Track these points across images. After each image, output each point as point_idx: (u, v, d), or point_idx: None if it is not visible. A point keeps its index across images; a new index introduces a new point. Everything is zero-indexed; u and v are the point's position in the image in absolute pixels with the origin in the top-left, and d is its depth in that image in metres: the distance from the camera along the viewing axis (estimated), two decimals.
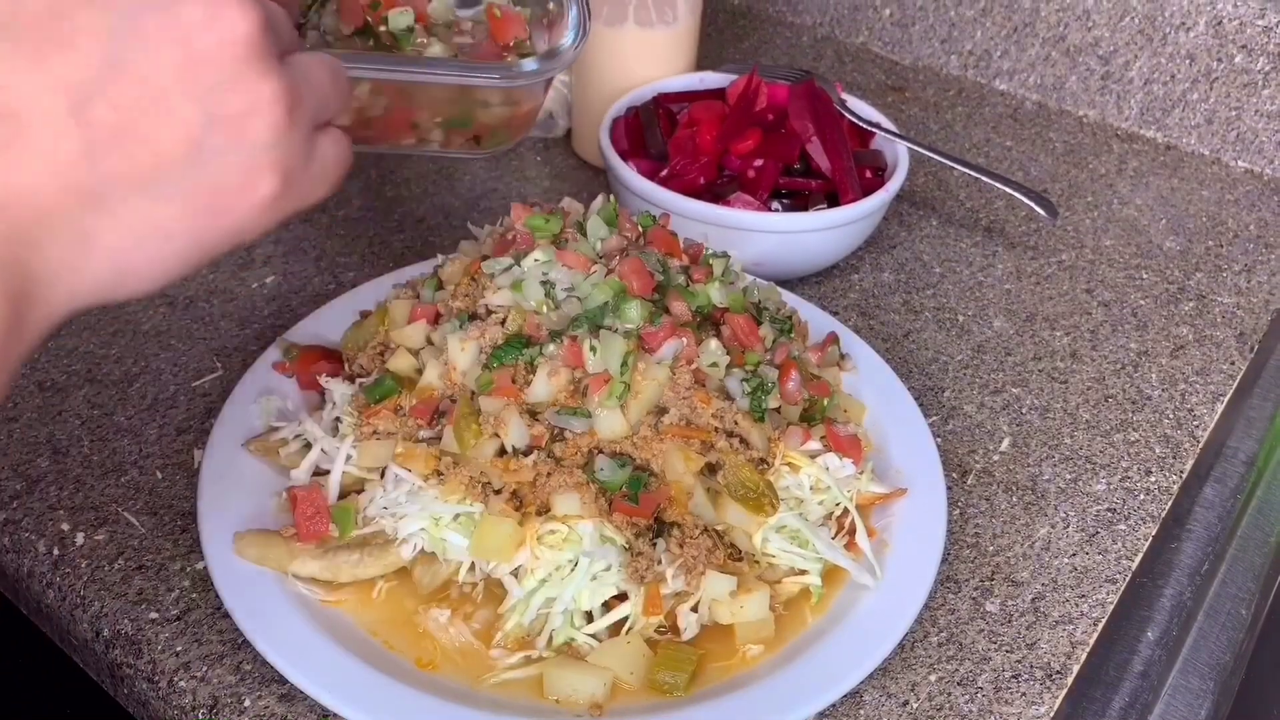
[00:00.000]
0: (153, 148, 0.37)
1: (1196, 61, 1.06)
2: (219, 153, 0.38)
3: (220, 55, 0.37)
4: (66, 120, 0.35)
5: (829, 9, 1.28)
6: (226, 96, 0.37)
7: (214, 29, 0.37)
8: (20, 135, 0.35)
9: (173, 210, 0.38)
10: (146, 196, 0.37)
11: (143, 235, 0.38)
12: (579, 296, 0.64)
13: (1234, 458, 0.77)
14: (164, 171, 0.37)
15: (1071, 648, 0.63)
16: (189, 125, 0.37)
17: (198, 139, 0.37)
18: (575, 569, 0.59)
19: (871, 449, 0.70)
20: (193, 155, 0.37)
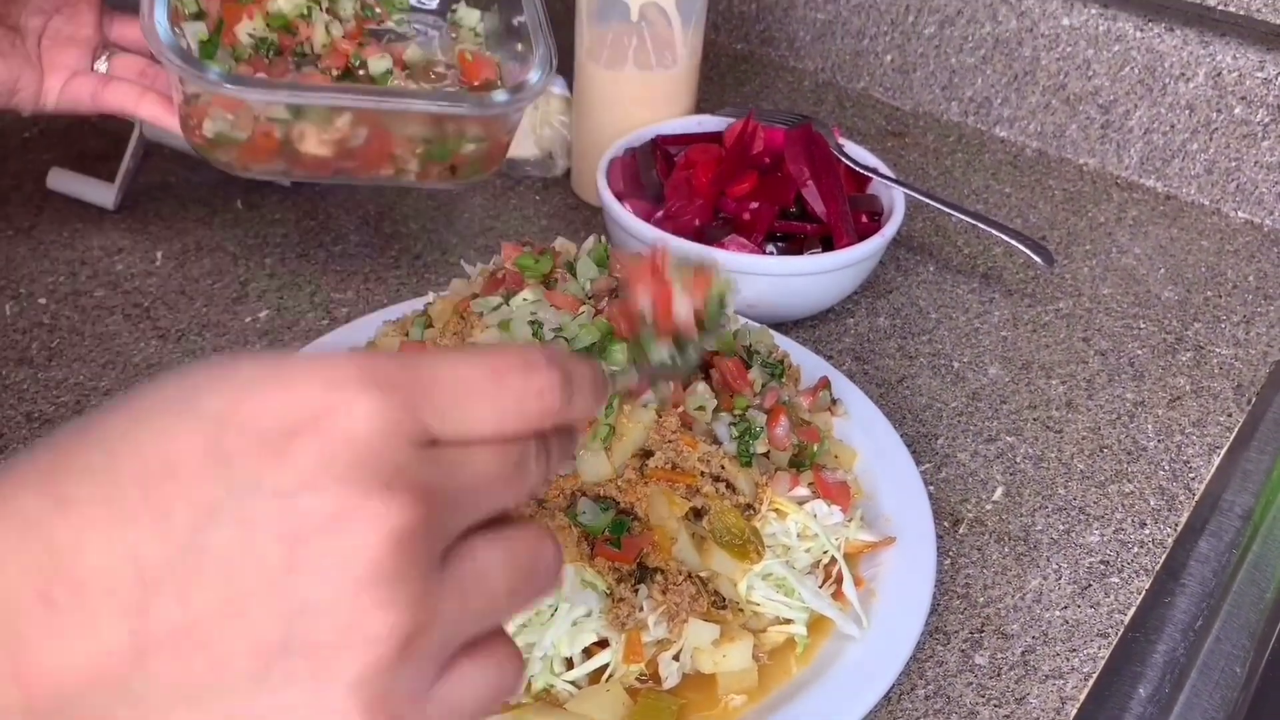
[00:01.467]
0: (214, 659, 0.29)
1: (1196, 112, 1.07)
2: (289, 682, 0.29)
3: (330, 568, 0.29)
4: (126, 604, 0.29)
5: (830, 55, 1.29)
6: (318, 621, 0.29)
7: (335, 533, 0.28)
8: (74, 608, 0.28)
9: None
10: (192, 709, 0.29)
11: None
12: (566, 337, 0.64)
13: (1230, 511, 0.76)
14: (219, 689, 0.29)
15: (1061, 703, 0.62)
16: (262, 644, 0.29)
17: (267, 663, 0.29)
18: (555, 614, 0.58)
19: (861, 496, 0.70)
20: (258, 678, 0.29)
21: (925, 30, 1.20)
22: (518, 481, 0.33)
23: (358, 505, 0.29)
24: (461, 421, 0.31)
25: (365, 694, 0.29)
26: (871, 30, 1.25)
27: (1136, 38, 1.07)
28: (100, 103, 0.78)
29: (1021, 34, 1.14)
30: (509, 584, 0.33)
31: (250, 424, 0.29)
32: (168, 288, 0.89)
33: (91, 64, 0.79)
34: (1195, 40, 1.04)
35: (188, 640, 0.29)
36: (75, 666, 0.28)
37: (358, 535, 0.29)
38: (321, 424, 0.29)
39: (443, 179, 0.74)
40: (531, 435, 0.33)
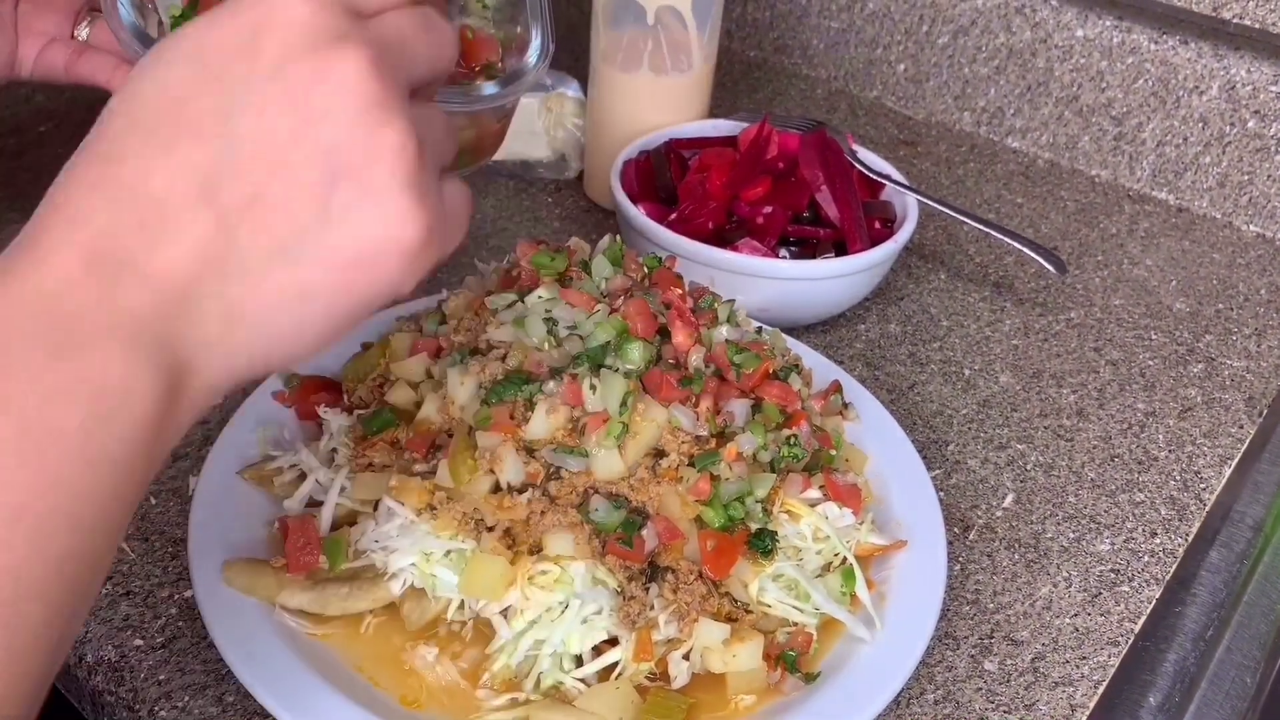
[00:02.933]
0: (284, 214, 0.37)
1: (1209, 125, 1.07)
2: (349, 208, 0.37)
3: (333, 109, 0.37)
4: (198, 200, 0.36)
5: (844, 63, 1.29)
6: (346, 150, 0.37)
7: (324, 85, 0.36)
8: (161, 219, 0.36)
9: (313, 273, 0.37)
10: (286, 262, 0.37)
11: (286, 301, 0.37)
12: (581, 335, 0.64)
13: (1241, 522, 0.76)
14: (298, 234, 0.37)
15: (1071, 710, 0.61)
16: (312, 185, 0.37)
17: (325, 196, 0.37)
18: (566, 611, 0.58)
19: (872, 500, 0.69)
20: (323, 215, 0.37)
21: (939, 40, 1.21)
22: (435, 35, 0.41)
23: (328, 56, 0.37)
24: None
25: (413, 192, 0.38)
26: (885, 39, 1.25)
27: (1151, 50, 1.07)
28: (74, 73, 0.74)
29: (1035, 45, 1.14)
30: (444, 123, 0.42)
31: (221, 43, 0.37)
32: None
33: (72, 30, 0.75)
34: (1209, 53, 1.04)
35: (259, 207, 0.36)
36: (183, 257, 0.36)
37: (341, 77, 0.37)
38: (273, 19, 0.37)
39: None
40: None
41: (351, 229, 0.37)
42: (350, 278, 0.38)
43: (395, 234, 0.38)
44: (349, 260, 0.38)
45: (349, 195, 0.37)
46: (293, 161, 0.37)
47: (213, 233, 0.36)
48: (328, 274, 0.38)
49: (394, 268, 0.38)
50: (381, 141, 0.37)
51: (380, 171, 0.37)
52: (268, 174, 0.36)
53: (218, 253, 0.36)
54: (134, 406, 0.34)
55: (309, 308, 0.38)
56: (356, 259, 0.38)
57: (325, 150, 0.37)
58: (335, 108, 0.37)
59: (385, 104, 0.37)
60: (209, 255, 0.36)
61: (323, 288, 0.38)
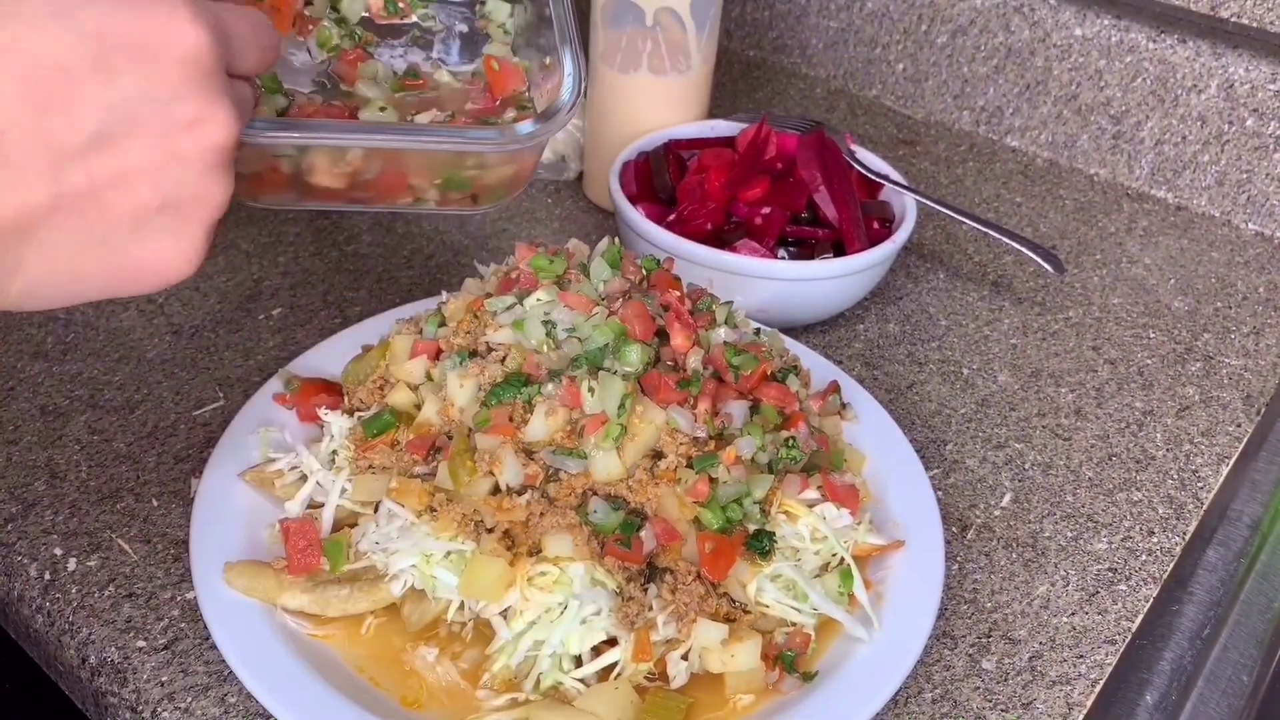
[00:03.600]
0: (105, 215, 0.41)
1: (1208, 124, 1.07)
2: (159, 231, 0.43)
3: (194, 156, 0.42)
4: (44, 172, 0.39)
5: (843, 62, 1.29)
6: (186, 191, 0.42)
7: (198, 133, 0.42)
8: (2, 170, 0.39)
9: (95, 266, 0.42)
10: (84, 249, 0.42)
11: (64, 275, 0.42)
12: (580, 337, 0.64)
13: (1238, 521, 0.76)
14: (106, 235, 0.42)
15: (1068, 709, 0.62)
16: (144, 205, 0.42)
17: (146, 218, 0.42)
18: (565, 612, 0.59)
19: (870, 500, 0.70)
20: (137, 228, 0.42)
21: (938, 39, 1.21)
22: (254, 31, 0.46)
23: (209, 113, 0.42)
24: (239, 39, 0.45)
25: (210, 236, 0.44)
26: (884, 39, 1.25)
27: (1149, 49, 1.08)
28: None
29: (1034, 44, 1.14)
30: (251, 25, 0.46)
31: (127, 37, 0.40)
32: (182, 284, 0.89)
33: None
34: (1208, 52, 1.05)
35: (90, 200, 0.40)
36: (3, 208, 0.39)
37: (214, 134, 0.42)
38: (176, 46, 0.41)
39: (465, 205, 0.70)
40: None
41: (149, 248, 0.43)
42: (120, 281, 0.43)
43: (179, 268, 0.44)
44: (129, 269, 0.43)
45: (164, 223, 0.42)
46: (140, 181, 0.41)
47: (39, 203, 0.40)
48: (108, 275, 0.43)
49: (156, 285, 0.44)
50: (212, 194, 0.43)
51: (200, 217, 0.43)
52: (113, 180, 0.41)
53: (33, 219, 0.40)
54: None
55: (75, 289, 0.43)
56: (136, 271, 0.43)
57: (169, 185, 0.42)
58: (195, 156, 0.42)
59: (230, 161, 0.44)
60: (25, 217, 0.40)
61: (97, 280, 0.43)
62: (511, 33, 0.73)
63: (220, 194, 0.44)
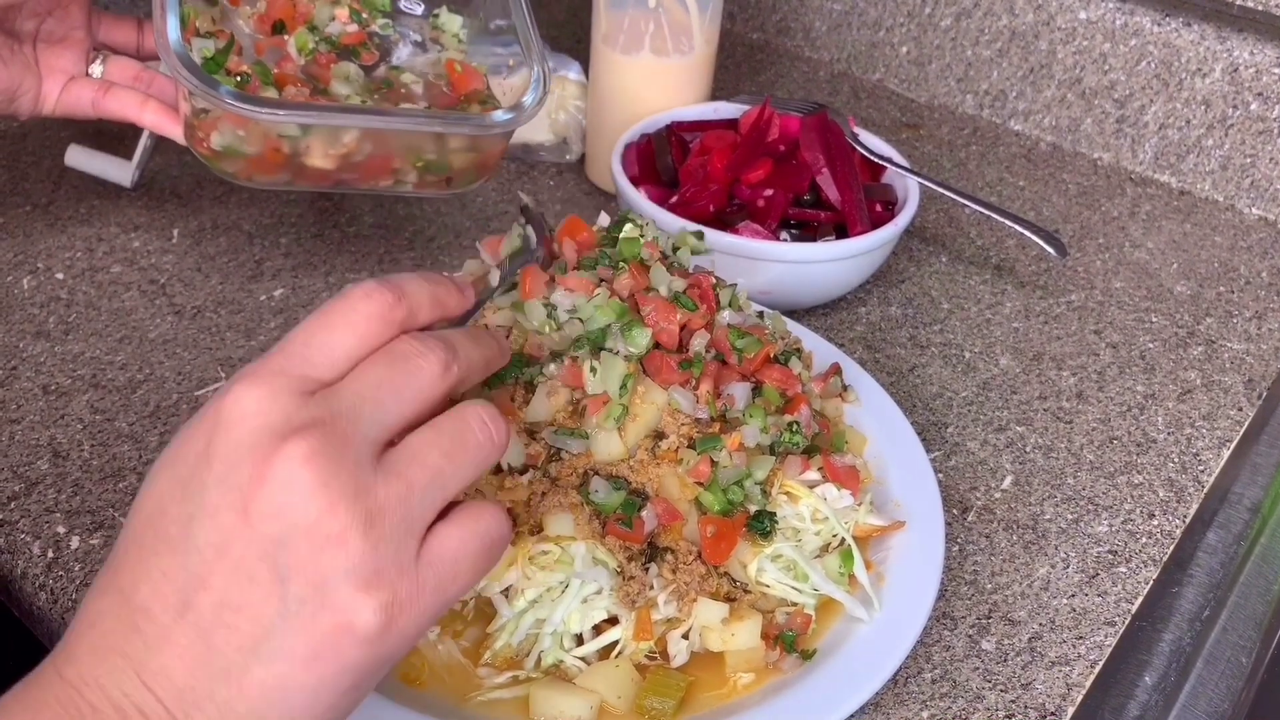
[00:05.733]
0: (247, 615, 0.38)
1: (1212, 108, 1.07)
2: (304, 603, 0.38)
3: (277, 507, 0.38)
4: (178, 607, 0.39)
5: (846, 45, 1.29)
6: (292, 547, 0.38)
7: (266, 484, 0.38)
8: (150, 626, 0.39)
9: (285, 668, 0.39)
10: (259, 660, 0.38)
11: (269, 696, 0.39)
12: (581, 318, 0.64)
13: (1238, 504, 0.76)
14: (265, 633, 0.38)
15: (1067, 690, 0.62)
16: (267, 585, 0.38)
17: (280, 595, 0.38)
18: (566, 591, 0.59)
19: (871, 481, 0.70)
20: (283, 611, 0.38)
21: (941, 22, 1.20)
22: (411, 376, 0.42)
23: (269, 457, 0.38)
24: (330, 357, 0.41)
25: (358, 578, 0.38)
26: (888, 21, 1.25)
27: (1154, 32, 1.07)
28: (102, 110, 0.78)
29: (1038, 27, 1.14)
30: (443, 451, 0.41)
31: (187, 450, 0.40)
32: (184, 265, 0.89)
33: (86, 67, 0.79)
34: (1212, 36, 1.04)
35: (226, 611, 0.38)
36: (173, 663, 0.38)
37: (283, 476, 0.38)
38: (222, 422, 0.39)
39: (438, 188, 0.76)
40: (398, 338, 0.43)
41: (305, 623, 0.38)
42: (317, 670, 0.39)
43: (344, 623, 0.39)
44: (310, 654, 0.39)
45: (301, 590, 0.38)
46: (245, 564, 0.38)
47: (193, 638, 0.38)
48: (293, 668, 0.39)
49: (356, 655, 0.39)
50: (324, 529, 0.38)
51: (325, 562, 0.38)
52: (227, 578, 0.38)
53: (201, 658, 0.38)
54: None
55: (292, 700, 0.39)
56: (316, 653, 0.39)
57: (273, 549, 0.38)
58: (278, 505, 0.38)
59: (328, 489, 0.38)
60: (194, 661, 0.38)
61: (299, 681, 0.39)
62: (465, 41, 0.80)
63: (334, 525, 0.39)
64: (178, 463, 0.40)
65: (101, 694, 0.38)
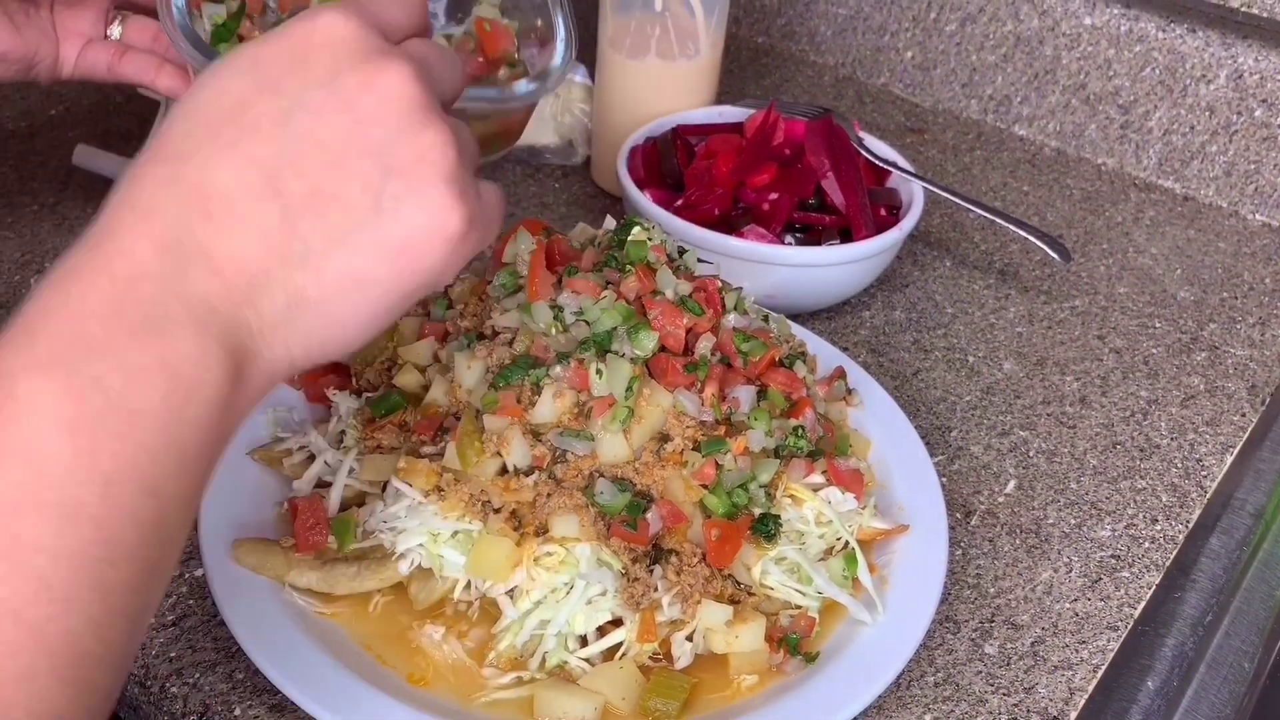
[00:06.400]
0: (341, 204, 0.40)
1: (1216, 114, 1.07)
2: (399, 200, 0.41)
3: (383, 114, 0.41)
4: (262, 192, 0.39)
5: (851, 50, 1.29)
6: (395, 148, 0.41)
7: (373, 92, 0.41)
8: (228, 211, 0.39)
9: (368, 260, 0.41)
10: (344, 250, 0.40)
11: (345, 287, 0.41)
12: (588, 320, 0.65)
13: (1241, 509, 0.76)
14: (355, 224, 0.41)
15: (1070, 694, 0.62)
16: (368, 178, 0.41)
17: (378, 190, 0.41)
18: (571, 592, 0.59)
19: (875, 485, 0.70)
20: (378, 204, 0.41)
21: (946, 27, 1.21)
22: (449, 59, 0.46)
23: (375, 68, 0.41)
24: (394, 23, 0.45)
25: (455, 186, 0.42)
26: (893, 26, 1.25)
27: (1158, 38, 1.07)
28: (117, 73, 0.78)
29: (1043, 33, 1.14)
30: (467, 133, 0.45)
31: (275, 58, 0.41)
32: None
33: (105, 29, 0.77)
34: (1217, 42, 1.04)
35: (318, 198, 0.40)
36: (250, 246, 0.39)
37: (387, 86, 0.41)
38: (321, 37, 0.41)
39: None
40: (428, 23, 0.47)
41: (401, 219, 0.41)
42: (401, 265, 0.41)
43: (440, 223, 0.42)
44: (399, 248, 0.41)
45: (398, 189, 0.41)
46: (348, 158, 0.40)
47: (277, 222, 0.39)
48: (380, 261, 0.41)
49: (439, 255, 0.42)
50: (426, 141, 0.41)
51: (426, 168, 0.41)
52: (325, 169, 0.40)
53: (282, 241, 0.40)
54: (207, 388, 0.37)
55: (365, 294, 0.41)
56: (406, 246, 0.41)
57: (376, 149, 0.41)
58: (383, 112, 0.41)
59: (427, 109, 0.42)
60: (274, 244, 0.39)
61: (377, 274, 0.41)
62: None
63: (433, 138, 0.41)
64: (259, 67, 0.41)
65: (162, 288, 0.37)
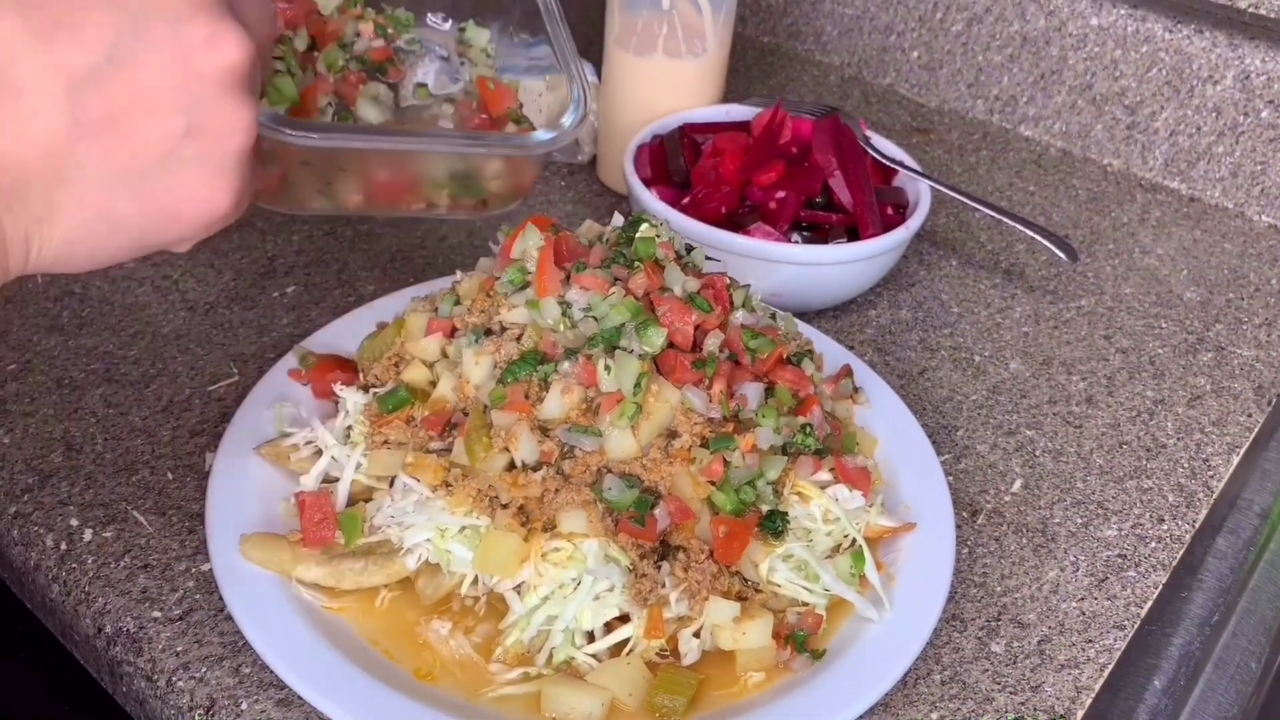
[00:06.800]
0: (132, 145, 0.40)
1: (1223, 115, 1.07)
2: (189, 162, 0.41)
3: (213, 76, 0.41)
4: (61, 100, 0.38)
5: (857, 50, 1.29)
6: (210, 114, 0.41)
7: (214, 51, 0.41)
8: (16, 105, 0.38)
9: (131, 206, 0.41)
10: (112, 188, 0.40)
11: (97, 222, 0.41)
12: (596, 316, 0.64)
13: (1248, 509, 0.76)
14: (136, 168, 0.40)
15: (1076, 693, 0.62)
16: (170, 131, 0.40)
17: (174, 146, 0.41)
18: (578, 588, 0.59)
19: (882, 483, 0.70)
20: (166, 159, 0.41)
21: (953, 27, 1.21)
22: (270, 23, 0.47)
23: (228, 28, 0.41)
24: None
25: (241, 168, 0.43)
26: (899, 26, 1.25)
27: (1165, 39, 1.07)
28: None
29: (1049, 33, 1.14)
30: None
31: None
32: (197, 261, 0.90)
33: None
34: (1224, 43, 1.04)
35: (112, 130, 0.39)
36: (26, 147, 0.38)
37: (230, 51, 0.41)
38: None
39: (473, 211, 0.74)
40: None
41: (181, 182, 0.41)
42: (158, 224, 0.42)
43: (213, 202, 0.43)
44: (165, 208, 0.42)
45: (193, 152, 0.41)
46: (159, 104, 0.40)
47: (62, 136, 0.38)
48: (142, 215, 0.41)
49: (195, 228, 0.43)
50: (239, 118, 0.42)
51: (226, 141, 0.42)
52: (134, 103, 0.39)
53: (59, 155, 0.39)
54: None
55: (112, 237, 0.41)
56: (171, 209, 0.42)
57: (189, 106, 0.41)
58: (214, 76, 0.41)
59: (250, 88, 0.43)
60: (50, 153, 0.38)
61: (132, 224, 0.41)
62: (493, 55, 0.78)
63: (245, 118, 0.42)
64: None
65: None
